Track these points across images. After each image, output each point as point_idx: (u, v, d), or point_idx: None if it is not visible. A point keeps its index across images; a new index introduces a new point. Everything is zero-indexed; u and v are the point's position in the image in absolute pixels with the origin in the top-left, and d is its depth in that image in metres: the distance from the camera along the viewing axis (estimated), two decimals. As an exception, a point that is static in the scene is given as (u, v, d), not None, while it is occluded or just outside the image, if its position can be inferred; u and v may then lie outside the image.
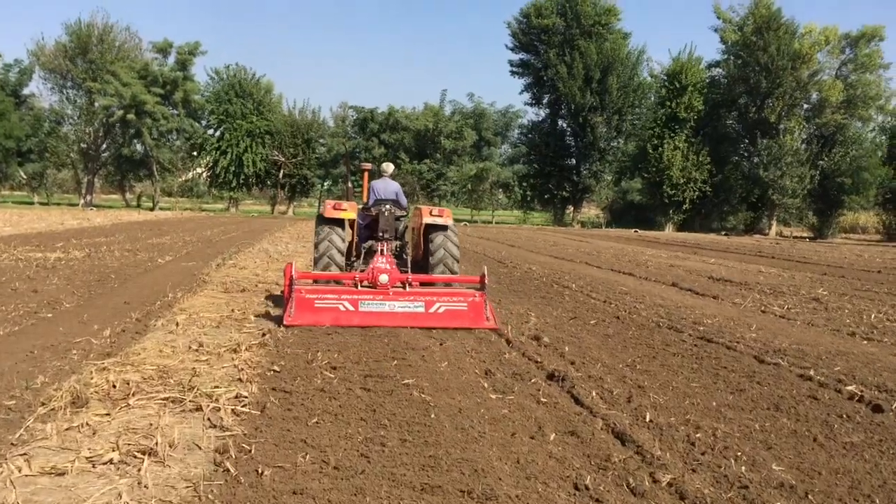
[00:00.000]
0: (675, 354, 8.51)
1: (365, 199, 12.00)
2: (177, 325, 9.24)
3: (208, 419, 5.52)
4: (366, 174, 13.23)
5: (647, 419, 5.81)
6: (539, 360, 7.96)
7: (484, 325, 9.55)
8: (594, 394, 6.56)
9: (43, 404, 5.55)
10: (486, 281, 9.95)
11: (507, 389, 6.67)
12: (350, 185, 14.38)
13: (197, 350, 7.85)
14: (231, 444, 4.92)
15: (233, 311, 10.60)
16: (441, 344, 8.65)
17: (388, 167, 12.12)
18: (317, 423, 5.46)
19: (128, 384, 6.33)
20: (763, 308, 13.08)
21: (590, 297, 13.65)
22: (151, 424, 5.30)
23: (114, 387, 6.20)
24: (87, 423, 5.22)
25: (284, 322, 9.23)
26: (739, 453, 5.10)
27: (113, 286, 12.81)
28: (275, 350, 8.00)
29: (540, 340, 9.08)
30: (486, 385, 6.81)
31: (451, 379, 6.94)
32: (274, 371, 7.00)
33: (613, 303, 12.96)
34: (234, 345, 8.05)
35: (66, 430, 5.10)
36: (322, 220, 11.09)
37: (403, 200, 11.78)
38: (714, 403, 6.38)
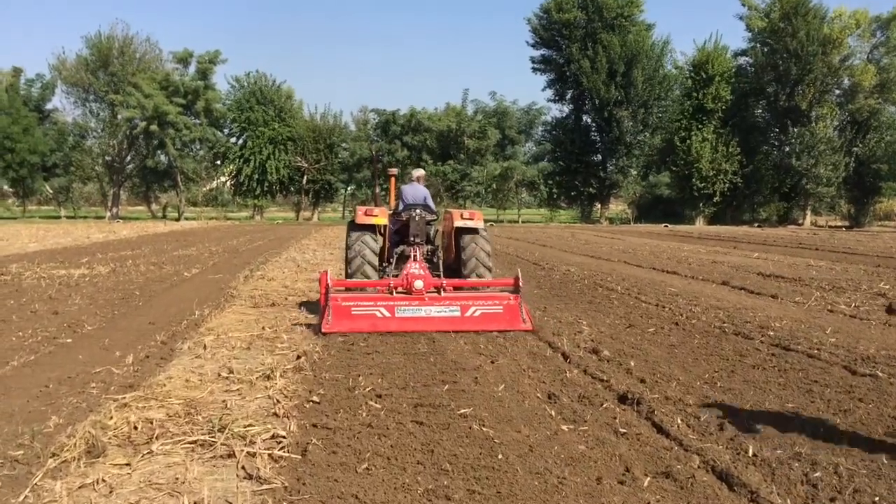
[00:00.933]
0: (755, 367, 7.64)
1: (392, 205, 12.05)
2: (204, 347, 8.55)
3: (242, 467, 4.78)
4: (392, 179, 13.23)
5: (750, 453, 4.97)
6: (604, 378, 7.15)
7: (520, 327, 9.53)
8: (679, 421, 5.74)
9: (54, 455, 4.85)
10: (520, 283, 9.91)
11: (578, 418, 5.87)
12: (377, 190, 14.27)
13: (227, 378, 7.14)
14: (270, 502, 4.18)
15: (263, 328, 9.90)
16: (493, 362, 7.87)
17: (418, 172, 12.20)
18: (367, 469, 4.70)
19: (151, 424, 5.62)
20: (829, 307, 12.13)
21: (640, 301, 12.79)
22: (177, 478, 4.57)
23: (135, 428, 5.50)
24: (104, 479, 4.50)
25: (322, 329, 9.24)
26: (877, 499, 4.25)
27: (137, 304, 12.19)
28: (312, 375, 7.26)
29: (600, 354, 8.28)
30: (552, 413, 6.01)
31: (511, 406, 6.16)
32: (313, 402, 6.26)
33: (667, 306, 12.10)
34: (268, 370, 7.33)
35: (79, 488, 4.39)
36: (354, 227, 11.11)
37: (432, 205, 11.75)
38: (821, 430, 5.53)
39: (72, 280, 15.49)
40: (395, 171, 13.52)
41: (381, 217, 10.98)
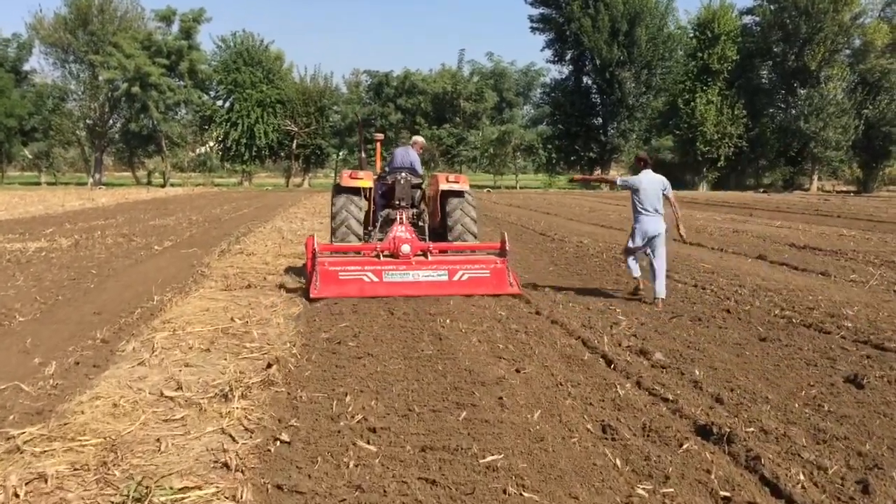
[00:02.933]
0: (859, 377, 5.91)
1: (378, 168, 12.05)
2: (153, 349, 6.79)
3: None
4: (378, 144, 13.28)
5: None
6: (668, 396, 5.44)
7: (507, 291, 9.59)
8: (798, 474, 4.03)
9: None
10: (507, 247, 9.81)
11: (654, 468, 4.15)
12: (363, 154, 13.41)
13: (171, 398, 5.40)
14: None
15: (232, 320, 8.16)
16: (518, 370, 6.15)
17: (419, 139, 12.30)
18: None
19: (45, 483, 3.89)
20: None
21: (673, 280, 11.06)
22: None
23: (15, 496, 3.75)
24: None
25: (310, 294, 9.19)
26: None
27: (88, 287, 10.40)
28: (285, 393, 5.54)
29: (650, 356, 6.57)
30: (616, 461, 4.29)
31: (556, 448, 4.44)
32: (282, 441, 4.52)
33: (707, 287, 10.41)
34: (227, 385, 5.60)
35: None
36: (339, 190, 11.04)
37: (419, 169, 11.66)
38: None
39: (24, 256, 13.68)
40: (380, 136, 13.40)
41: (366, 180, 10.91)
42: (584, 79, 60.19)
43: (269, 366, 6.15)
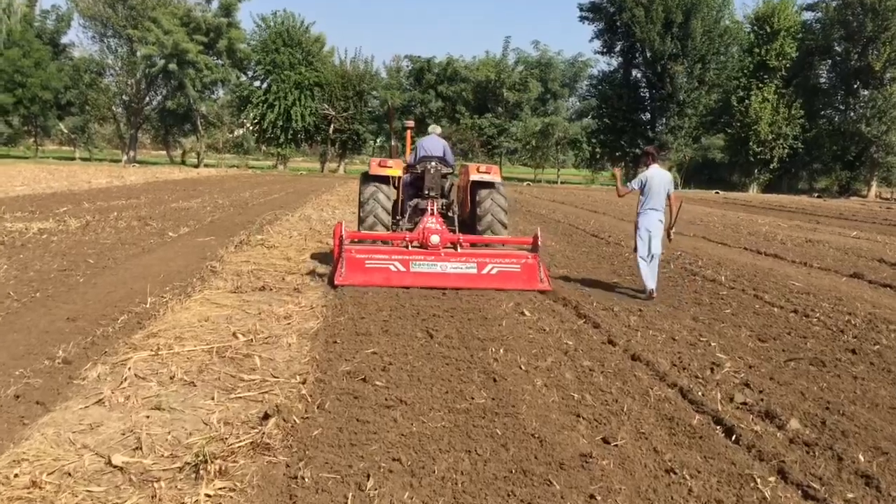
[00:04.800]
0: None
1: (407, 157, 11.70)
2: (122, 379, 5.22)
3: None
4: (409, 132, 13.04)
5: None
6: (825, 496, 3.69)
7: (538, 287, 9.33)
8: None
9: None
10: (539, 242, 9.58)
11: None
12: (395, 142, 13.37)
13: (120, 469, 3.80)
14: None
15: (234, 335, 6.59)
16: (607, 442, 4.44)
17: (436, 129, 11.70)
18: None
19: None
20: None
21: (763, 301, 9.33)
22: None
23: None
24: None
25: (335, 282, 8.95)
26: None
27: (76, 281, 8.91)
28: (282, 467, 3.91)
29: (783, 425, 4.82)
30: None
31: None
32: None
33: (811, 315, 8.58)
34: (204, 446, 3.98)
35: None
36: (367, 178, 10.79)
37: (451, 158, 11.31)
38: None
39: (22, 238, 12.30)
40: (412, 123, 13.11)
41: (395, 168, 10.70)
42: (634, 72, 57.74)
43: (267, 417, 4.52)
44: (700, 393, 5.46)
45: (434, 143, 11.14)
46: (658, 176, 9.35)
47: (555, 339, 6.99)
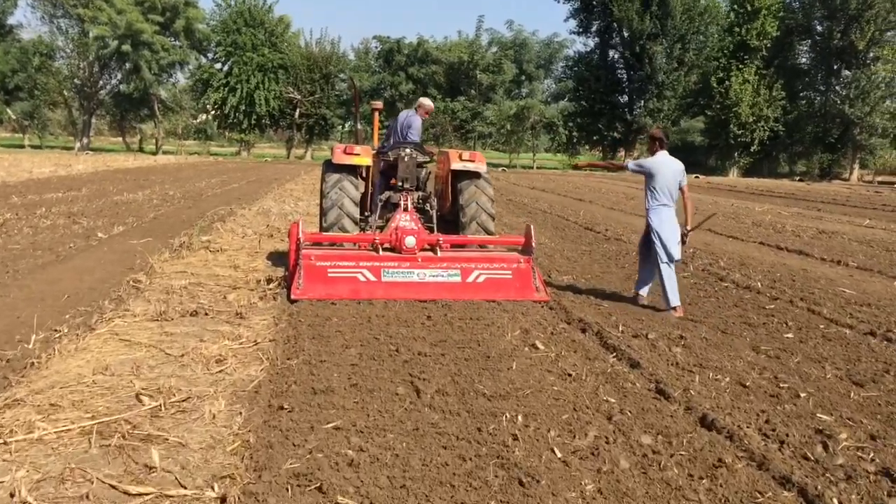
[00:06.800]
0: None
1: (376, 142, 10.60)
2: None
3: None
4: (376, 114, 11.31)
5: None
6: None
7: (534, 297, 7.94)
8: None
9: None
10: (532, 242, 8.17)
11: None
12: (361, 126, 11.44)
13: None
14: None
15: (137, 398, 4.66)
16: None
17: (427, 102, 10.45)
18: None
19: None
20: None
21: (822, 318, 7.69)
22: None
23: None
24: None
25: (292, 296, 7.44)
26: None
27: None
28: None
29: None
30: None
31: None
32: None
33: (893, 338, 6.77)
34: None
35: None
36: (331, 168, 9.25)
37: (417, 136, 9.94)
38: None
39: None
40: (379, 104, 11.42)
41: (363, 156, 9.22)
42: (611, 52, 56.03)
43: None
44: (835, 501, 3.58)
45: (408, 120, 9.92)
46: (668, 165, 7.92)
47: (588, 392, 5.08)
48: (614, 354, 6.06)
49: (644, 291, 8.11)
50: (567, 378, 5.39)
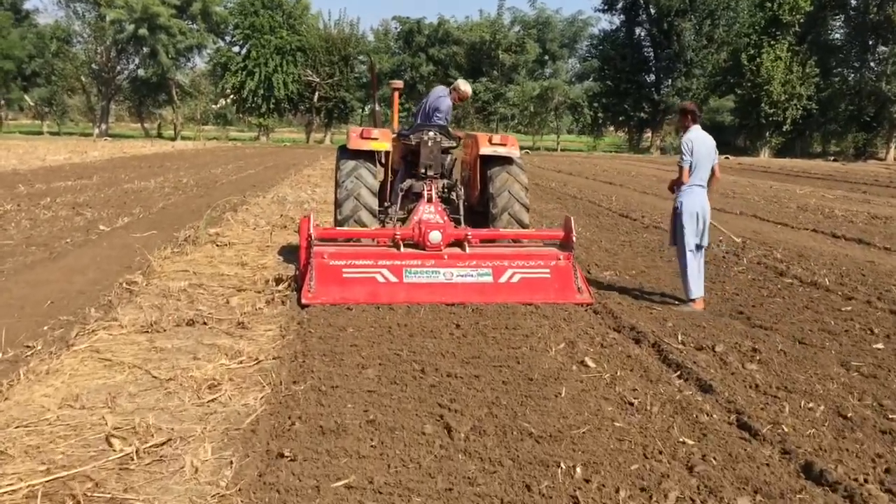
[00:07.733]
0: None
1: (396, 126, 9.70)
2: None
3: None
4: (395, 95, 10.27)
5: None
6: None
7: (575, 300, 7.10)
8: None
9: None
10: (573, 236, 7.30)
11: None
12: (378, 107, 10.35)
13: None
14: None
15: (108, 440, 3.77)
16: None
17: (464, 86, 9.34)
18: None
19: None
20: None
21: None
22: None
23: None
24: None
25: (303, 300, 6.68)
26: None
27: None
28: None
29: None
30: None
31: None
32: None
33: None
34: None
35: None
36: (346, 154, 8.39)
37: (446, 119, 9.04)
38: None
39: None
40: (399, 83, 10.39)
41: (382, 140, 8.36)
42: (637, 30, 54.47)
43: None
44: None
45: (437, 101, 9.00)
46: (703, 140, 7.19)
47: (658, 430, 4.14)
48: (678, 374, 5.12)
49: (700, 292, 7.16)
50: (629, 408, 4.46)
